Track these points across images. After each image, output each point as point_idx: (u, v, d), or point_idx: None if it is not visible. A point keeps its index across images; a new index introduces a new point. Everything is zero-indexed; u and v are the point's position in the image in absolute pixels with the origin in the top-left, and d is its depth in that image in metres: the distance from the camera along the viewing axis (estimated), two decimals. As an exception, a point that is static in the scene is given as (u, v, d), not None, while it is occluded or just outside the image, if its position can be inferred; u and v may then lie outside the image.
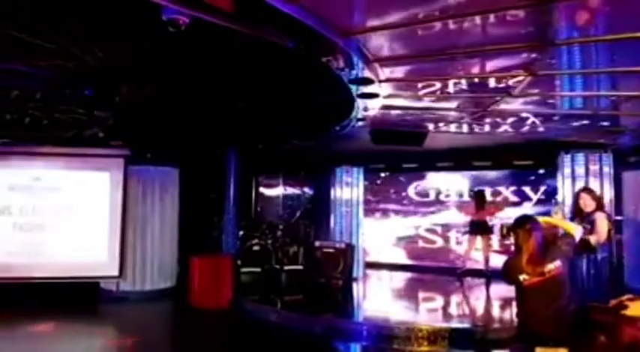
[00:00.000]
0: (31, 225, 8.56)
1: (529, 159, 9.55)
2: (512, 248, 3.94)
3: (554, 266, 3.39)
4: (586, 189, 5.95)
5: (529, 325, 3.43)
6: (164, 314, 8.34)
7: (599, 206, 5.34)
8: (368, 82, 4.61)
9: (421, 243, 11.04)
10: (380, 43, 3.95)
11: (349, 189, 11.06)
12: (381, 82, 4.65)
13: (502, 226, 4.14)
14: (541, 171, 9.68)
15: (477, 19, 3.62)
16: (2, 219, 8.44)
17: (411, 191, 11.31)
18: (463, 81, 4.92)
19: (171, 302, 8.84)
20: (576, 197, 5.73)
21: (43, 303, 7.93)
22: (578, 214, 5.43)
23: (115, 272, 8.69)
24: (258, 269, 10.02)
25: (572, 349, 3.34)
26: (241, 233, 10.35)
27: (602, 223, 5.09)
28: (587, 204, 5.38)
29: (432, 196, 11.03)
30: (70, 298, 8.25)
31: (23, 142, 8.21)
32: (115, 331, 7.34)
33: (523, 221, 3.59)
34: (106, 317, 8.06)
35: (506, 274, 3.64)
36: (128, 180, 8.88)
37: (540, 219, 3.76)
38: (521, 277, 3.43)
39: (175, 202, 9.47)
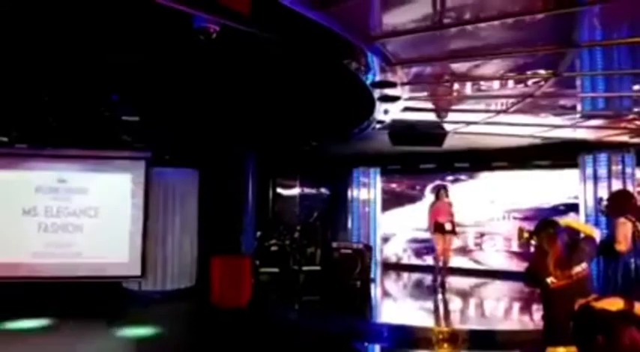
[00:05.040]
0: (56, 225, 8.73)
1: (550, 160, 9.45)
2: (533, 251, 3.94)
3: (581, 268, 3.45)
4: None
5: (556, 326, 3.44)
6: (185, 314, 8.45)
7: (623, 209, 5.17)
8: (389, 85, 4.63)
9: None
10: (403, 46, 3.98)
11: (366, 189, 11.13)
12: (403, 84, 4.67)
13: (521, 230, 4.12)
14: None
15: (500, 22, 3.65)
16: (28, 220, 8.62)
17: (428, 191, 11.27)
18: (485, 82, 4.92)
19: (191, 302, 8.95)
20: None
21: (66, 303, 8.07)
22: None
23: (138, 272, 8.84)
24: (276, 270, 10.11)
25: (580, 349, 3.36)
26: (259, 233, 10.44)
27: (621, 229, 4.87)
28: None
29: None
30: (93, 297, 8.41)
31: (48, 144, 8.38)
32: (138, 330, 7.46)
33: (546, 225, 3.65)
34: (129, 316, 8.17)
35: (530, 277, 3.67)
36: (150, 182, 9.03)
37: (561, 222, 3.79)
38: (549, 280, 3.47)
39: (195, 203, 9.61)
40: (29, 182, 8.66)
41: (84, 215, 8.79)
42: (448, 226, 8.60)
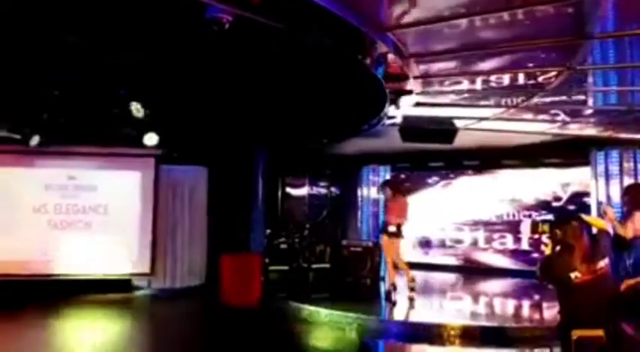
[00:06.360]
0: (66, 223, 8.77)
1: (560, 158, 9.38)
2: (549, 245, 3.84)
3: (604, 263, 3.36)
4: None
5: (579, 315, 3.36)
6: (195, 312, 8.46)
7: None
8: (402, 78, 4.61)
9: (448, 242, 10.95)
10: (416, 38, 3.97)
11: (376, 188, 11.10)
12: (415, 78, 4.65)
13: (536, 224, 3.97)
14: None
15: (517, 14, 3.63)
16: (38, 217, 8.66)
17: (438, 189, 11.22)
18: (498, 76, 4.89)
19: (201, 300, 8.95)
20: None
21: (76, 299, 8.11)
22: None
23: (147, 270, 8.86)
24: (285, 268, 10.10)
25: (607, 333, 3.32)
26: (268, 231, 10.43)
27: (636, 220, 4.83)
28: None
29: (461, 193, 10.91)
30: (102, 295, 8.44)
31: (59, 142, 8.41)
32: (148, 327, 7.49)
33: (569, 218, 3.53)
34: (138, 313, 8.20)
35: (548, 272, 3.55)
36: (159, 180, 9.05)
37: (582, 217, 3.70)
38: (573, 275, 3.35)
39: (204, 201, 9.62)
40: (39, 179, 8.72)
41: (93, 212, 8.82)
42: (391, 228, 7.71)
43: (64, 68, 5.97)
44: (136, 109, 6.69)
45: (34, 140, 7.77)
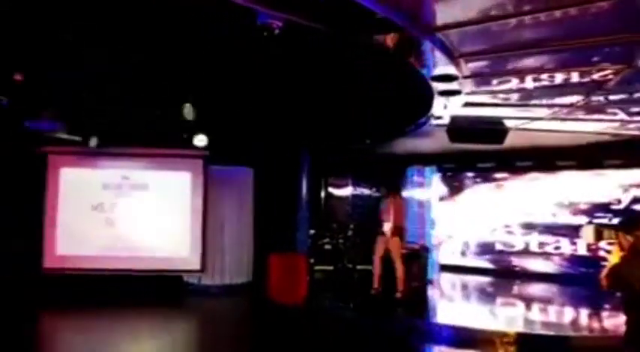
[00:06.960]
0: (121, 221, 9.16)
1: (620, 158, 8.90)
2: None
3: None
4: None
5: None
6: (244, 308, 8.66)
7: None
8: (451, 78, 4.51)
9: (498, 246, 10.63)
10: (466, 38, 3.87)
11: (421, 189, 10.94)
12: (465, 78, 4.54)
13: (600, 229, 3.62)
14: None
15: (570, 11, 3.48)
16: (96, 215, 9.10)
17: (488, 190, 10.92)
18: (551, 75, 4.71)
19: (248, 297, 9.15)
20: None
21: (130, 295, 8.44)
22: None
23: (197, 267, 9.13)
24: (330, 268, 10.15)
25: None
26: (312, 232, 10.49)
27: None
28: None
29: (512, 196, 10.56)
30: (154, 290, 8.78)
31: (113, 143, 8.81)
32: (199, 322, 7.72)
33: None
34: (189, 309, 8.48)
35: (617, 280, 3.29)
36: (207, 180, 9.30)
37: None
38: None
39: (250, 201, 9.80)
40: (97, 179, 9.17)
41: (147, 211, 9.16)
42: (385, 227, 8.18)
43: (122, 70, 6.23)
44: (188, 111, 6.89)
45: (93, 141, 8.16)
